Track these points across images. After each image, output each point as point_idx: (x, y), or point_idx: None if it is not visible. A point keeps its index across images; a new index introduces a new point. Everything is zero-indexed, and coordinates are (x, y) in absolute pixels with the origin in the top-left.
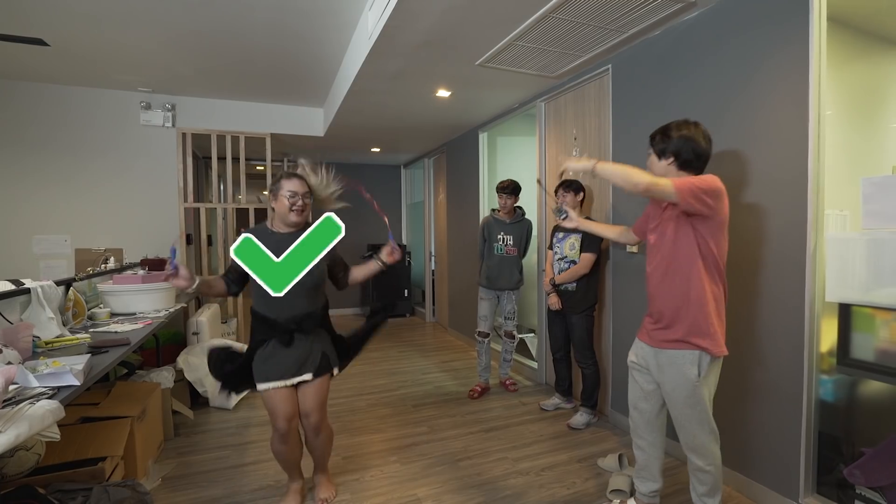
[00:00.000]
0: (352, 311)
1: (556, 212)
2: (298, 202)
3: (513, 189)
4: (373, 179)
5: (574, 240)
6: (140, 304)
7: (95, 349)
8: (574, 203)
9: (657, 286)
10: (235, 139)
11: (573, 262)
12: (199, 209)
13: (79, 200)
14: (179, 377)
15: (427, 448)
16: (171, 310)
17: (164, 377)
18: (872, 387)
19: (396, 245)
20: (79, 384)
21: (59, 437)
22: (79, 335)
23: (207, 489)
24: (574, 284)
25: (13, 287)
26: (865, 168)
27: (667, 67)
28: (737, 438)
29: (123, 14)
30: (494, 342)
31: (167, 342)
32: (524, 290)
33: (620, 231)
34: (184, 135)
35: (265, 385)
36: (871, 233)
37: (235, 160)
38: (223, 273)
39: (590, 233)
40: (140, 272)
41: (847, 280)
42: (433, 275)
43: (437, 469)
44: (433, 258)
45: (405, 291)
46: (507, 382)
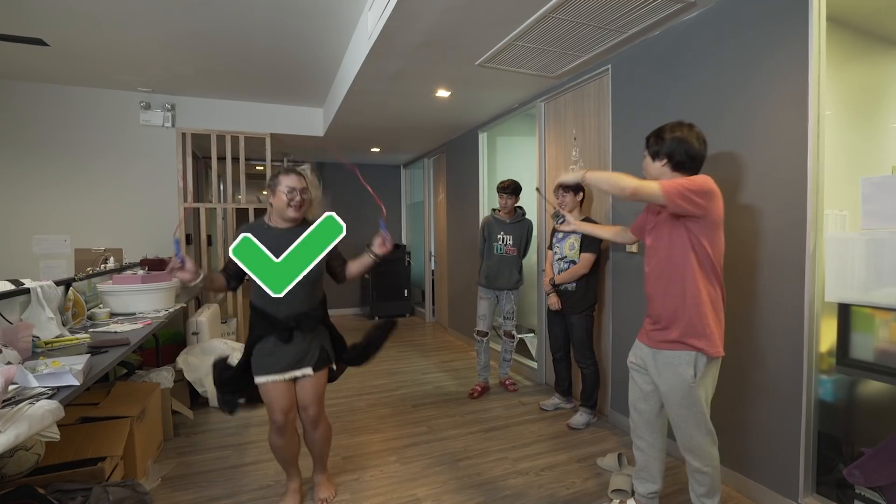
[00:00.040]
0: (351, 311)
1: (554, 217)
2: (296, 198)
3: (513, 189)
4: (373, 179)
5: (574, 240)
6: (140, 305)
7: (95, 349)
8: (574, 203)
9: (654, 287)
10: (235, 139)
11: (573, 262)
12: (199, 209)
13: (78, 200)
14: (179, 377)
15: (427, 448)
16: (171, 310)
17: (164, 377)
18: (872, 387)
19: (388, 235)
20: (78, 384)
21: (59, 437)
22: (78, 335)
23: (207, 489)
24: (574, 284)
25: (13, 287)
26: (865, 168)
27: (666, 67)
28: (736, 438)
29: (123, 14)
30: (494, 342)
31: (167, 342)
32: (524, 290)
33: (617, 231)
34: (183, 135)
35: (264, 378)
36: (871, 233)
37: (235, 160)
38: (221, 268)
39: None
40: (140, 272)
41: (846, 280)
42: (433, 275)
43: (437, 469)
44: (433, 258)
45: (405, 291)
46: (507, 382)
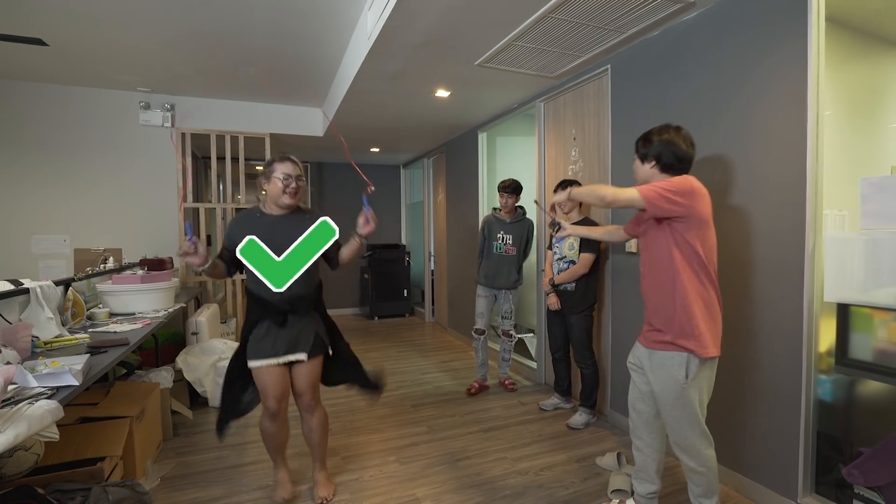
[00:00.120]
0: (351, 312)
1: (551, 226)
2: (292, 184)
3: (514, 188)
4: (372, 179)
5: (573, 240)
6: (139, 304)
7: (94, 349)
8: (573, 204)
9: (646, 287)
10: (235, 139)
11: (572, 263)
12: (199, 209)
13: (78, 200)
14: (178, 377)
15: (426, 448)
16: (170, 310)
17: (163, 377)
18: (871, 387)
19: (371, 212)
20: (78, 384)
21: (58, 437)
22: (78, 335)
23: (206, 489)
24: (573, 284)
25: (12, 287)
26: (864, 168)
27: (666, 67)
28: (735, 438)
29: (123, 14)
30: (493, 341)
31: (166, 342)
32: (523, 290)
33: (610, 230)
34: (183, 135)
35: (257, 363)
36: (870, 233)
37: (235, 160)
38: (217, 255)
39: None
40: (139, 272)
41: (845, 280)
42: (432, 275)
43: (436, 469)
44: (432, 258)
45: (405, 291)
46: (507, 382)
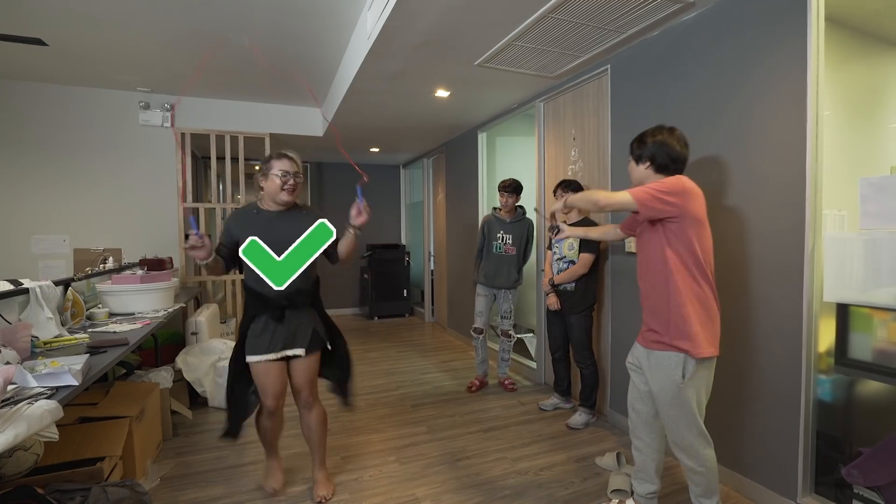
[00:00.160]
0: (351, 312)
1: (551, 230)
2: (290, 181)
3: (514, 188)
4: (372, 179)
5: (573, 240)
6: (139, 304)
7: (94, 349)
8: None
9: (643, 289)
10: (234, 139)
11: (572, 263)
12: (199, 209)
13: (78, 200)
14: (178, 377)
15: (426, 448)
16: (170, 310)
17: (163, 377)
18: (870, 387)
19: (364, 203)
20: (77, 384)
21: (58, 437)
22: (77, 335)
23: (206, 489)
24: (573, 284)
25: (12, 287)
26: (864, 168)
27: (665, 67)
28: (735, 438)
29: (123, 14)
30: (492, 341)
31: (166, 342)
32: (523, 290)
33: (607, 230)
34: (182, 134)
35: (256, 358)
36: (869, 233)
37: (234, 160)
38: (215, 250)
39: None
40: (139, 272)
41: (845, 280)
42: (432, 275)
43: (436, 469)
44: (432, 258)
45: (404, 291)
46: (506, 382)
